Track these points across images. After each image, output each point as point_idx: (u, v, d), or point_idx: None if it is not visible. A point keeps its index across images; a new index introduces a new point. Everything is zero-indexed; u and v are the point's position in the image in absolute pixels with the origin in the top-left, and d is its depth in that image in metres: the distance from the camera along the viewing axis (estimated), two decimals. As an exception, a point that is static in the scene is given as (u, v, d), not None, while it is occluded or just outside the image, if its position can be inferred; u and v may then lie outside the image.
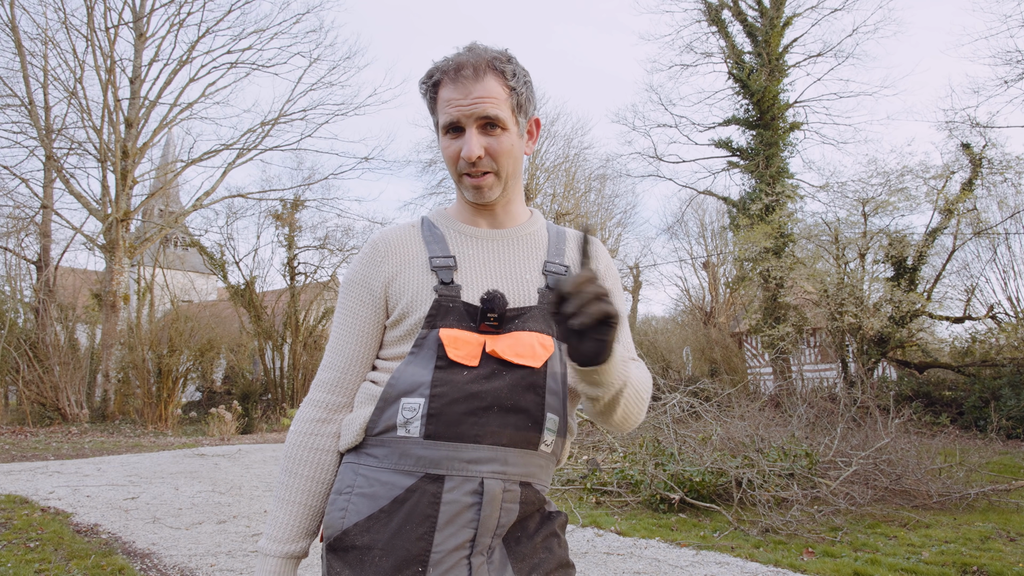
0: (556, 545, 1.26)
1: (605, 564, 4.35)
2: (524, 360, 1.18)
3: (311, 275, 21.10)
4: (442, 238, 1.29)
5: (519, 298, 1.24)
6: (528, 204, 1.47)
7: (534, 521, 1.24)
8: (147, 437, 13.29)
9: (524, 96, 1.26)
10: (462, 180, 1.26)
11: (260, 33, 18.51)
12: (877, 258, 13.81)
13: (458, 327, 1.19)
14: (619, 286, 1.44)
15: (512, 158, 1.25)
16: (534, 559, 1.21)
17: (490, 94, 1.20)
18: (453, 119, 1.21)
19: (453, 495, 1.14)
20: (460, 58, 1.22)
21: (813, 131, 17.98)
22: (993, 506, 6.01)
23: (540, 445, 1.20)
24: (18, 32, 16.49)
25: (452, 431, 1.14)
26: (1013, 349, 12.27)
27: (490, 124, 1.21)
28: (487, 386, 1.16)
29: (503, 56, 1.24)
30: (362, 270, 1.29)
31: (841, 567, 4.20)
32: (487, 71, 1.21)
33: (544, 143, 23.20)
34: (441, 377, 1.16)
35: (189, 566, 4.21)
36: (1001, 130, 22.92)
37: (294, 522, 1.23)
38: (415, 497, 1.14)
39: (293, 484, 1.24)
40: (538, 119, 1.34)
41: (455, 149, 1.23)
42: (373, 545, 1.14)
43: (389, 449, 1.17)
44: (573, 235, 1.41)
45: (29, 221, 17.34)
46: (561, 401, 1.23)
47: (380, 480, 1.17)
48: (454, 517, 1.14)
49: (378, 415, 1.19)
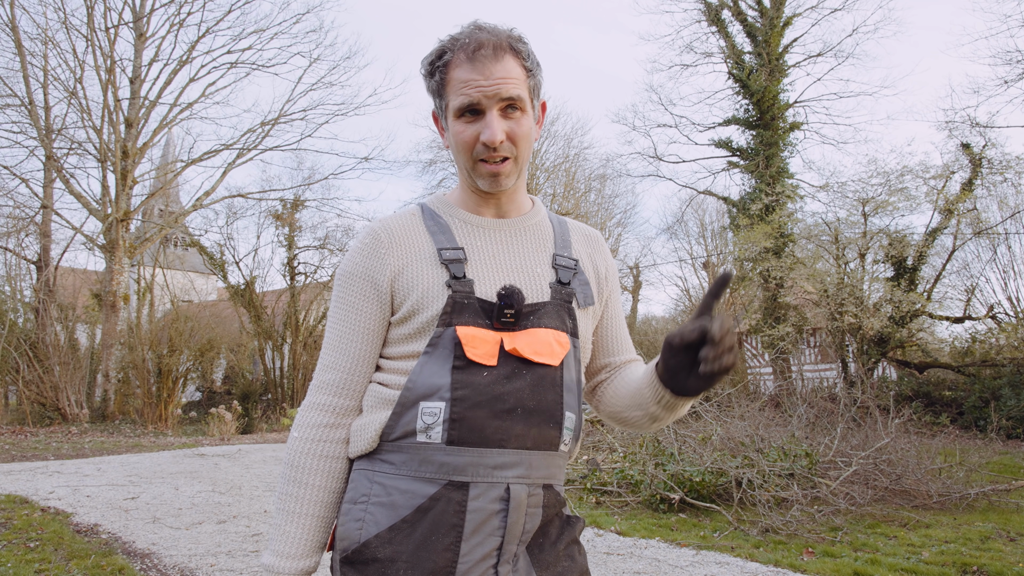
0: (577, 553, 1.23)
1: (605, 564, 4.35)
2: (543, 358, 1.14)
3: (311, 275, 21.11)
4: (447, 228, 1.22)
5: (532, 293, 1.19)
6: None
7: (555, 527, 1.20)
8: (147, 437, 13.29)
9: (538, 79, 1.21)
10: (476, 167, 1.17)
11: (260, 33, 18.52)
12: (877, 258, 13.81)
13: (474, 324, 1.13)
14: (619, 286, 1.44)
15: (528, 142, 1.19)
16: (558, 567, 1.17)
17: (510, 75, 1.14)
18: (473, 100, 1.13)
19: (479, 503, 1.09)
20: (477, 36, 1.15)
21: (813, 131, 17.98)
22: (993, 506, 6.01)
23: (560, 445, 1.17)
24: (18, 32, 16.49)
25: (476, 436, 1.09)
26: (1013, 349, 12.26)
27: (511, 106, 1.15)
28: (509, 387, 1.11)
29: (518, 36, 1.19)
30: (363, 262, 1.19)
31: (841, 567, 4.19)
32: (506, 51, 1.14)
33: (544, 143, 23.19)
34: (461, 379, 1.10)
35: (189, 566, 4.21)
36: (1001, 130, 22.91)
37: (306, 535, 1.15)
38: (439, 506, 1.09)
39: (303, 495, 1.16)
40: (544, 103, 1.29)
41: (471, 133, 1.15)
42: (396, 558, 1.08)
43: (408, 455, 1.11)
44: (577, 227, 1.37)
45: (29, 221, 17.34)
46: (576, 399, 1.21)
47: (399, 488, 1.11)
48: (481, 525, 1.09)
49: (395, 420, 1.12)
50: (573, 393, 1.19)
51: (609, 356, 1.36)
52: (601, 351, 1.36)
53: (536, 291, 1.20)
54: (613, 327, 1.37)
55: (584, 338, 1.27)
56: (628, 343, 1.39)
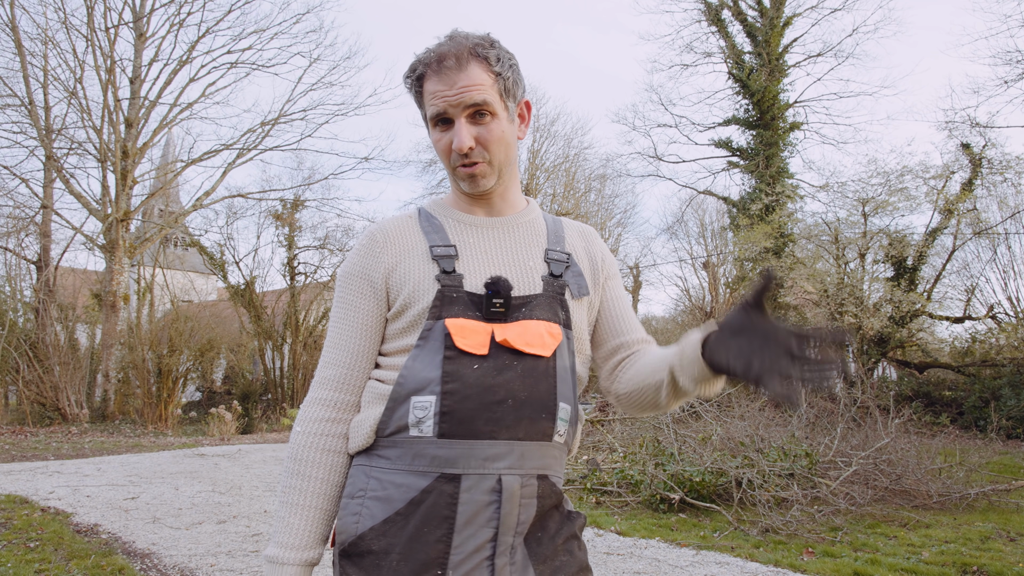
0: (576, 548, 1.23)
1: (605, 564, 4.35)
2: (534, 349, 1.15)
3: (311, 275, 21.10)
4: (441, 227, 1.26)
5: (524, 285, 1.21)
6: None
7: (554, 521, 1.22)
8: (147, 437, 13.29)
9: (511, 80, 1.22)
10: (456, 171, 1.23)
11: (260, 33, 18.50)
12: (877, 258, 13.82)
13: (464, 316, 1.15)
14: (618, 272, 1.43)
15: (504, 144, 1.22)
16: (555, 561, 1.18)
17: (475, 82, 1.17)
18: (440, 111, 1.18)
19: (471, 494, 1.11)
20: (441, 48, 1.19)
21: (813, 131, 18.01)
22: (993, 506, 6.01)
23: (554, 436, 1.18)
24: (18, 32, 16.49)
25: (466, 428, 1.11)
26: (1013, 349, 12.27)
27: (479, 112, 1.18)
28: (499, 379, 1.12)
29: (485, 41, 1.21)
30: (360, 262, 1.25)
31: (841, 567, 4.19)
32: (470, 59, 1.18)
33: (544, 143, 23.20)
34: (451, 371, 1.12)
35: (189, 566, 4.21)
36: (1001, 130, 22.91)
37: (309, 527, 1.18)
38: (431, 498, 1.11)
39: (306, 487, 1.19)
40: (528, 101, 1.30)
41: (446, 142, 1.20)
42: (390, 550, 1.11)
43: (402, 450, 1.14)
44: (572, 224, 1.39)
45: (29, 221, 17.34)
46: (571, 389, 1.21)
47: (394, 482, 1.14)
48: (473, 517, 1.11)
49: (388, 415, 1.15)
50: (568, 384, 1.20)
51: (619, 336, 1.35)
52: (610, 332, 1.36)
53: (528, 284, 1.22)
54: (618, 308, 1.37)
55: (579, 329, 1.27)
56: (636, 324, 1.38)
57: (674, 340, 1.53)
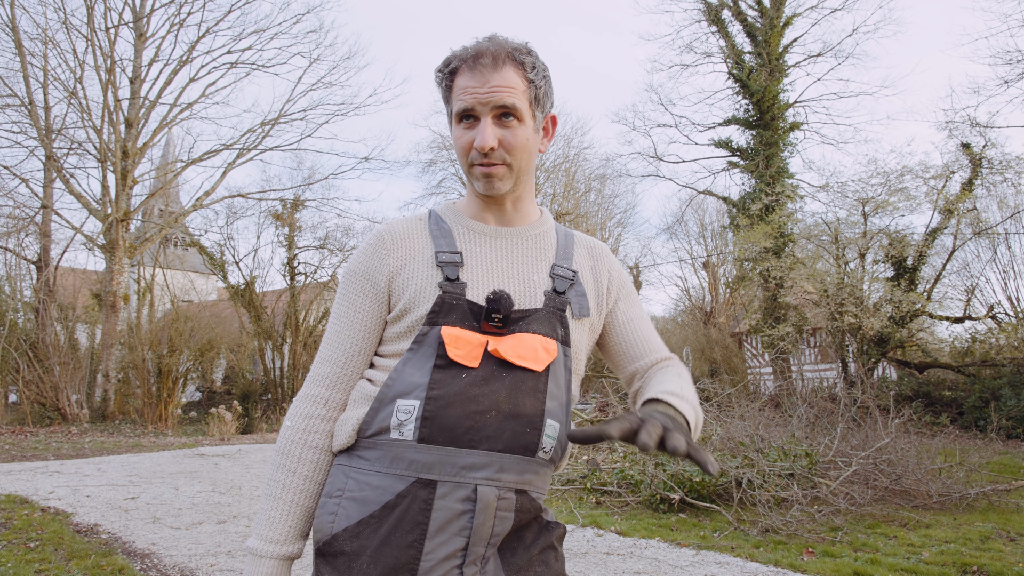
0: (553, 559, 1.22)
1: (605, 564, 4.35)
2: (526, 362, 1.14)
3: (311, 275, 21.12)
4: (449, 233, 1.25)
5: (525, 299, 1.20)
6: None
7: (531, 531, 1.20)
8: (147, 437, 13.29)
9: (542, 90, 1.22)
10: (472, 170, 1.21)
11: (260, 33, 18.53)
12: (877, 258, 13.82)
13: (460, 326, 1.15)
14: (632, 291, 1.40)
15: (526, 152, 1.21)
16: (529, 572, 1.17)
17: (508, 83, 1.16)
18: (468, 106, 1.17)
19: (445, 502, 1.10)
20: (480, 47, 1.19)
21: (813, 131, 18.01)
22: (993, 506, 6.01)
23: (538, 452, 1.16)
24: (18, 32, 16.49)
25: (447, 435, 1.10)
26: (1013, 349, 12.27)
27: (505, 114, 1.17)
28: (485, 389, 1.12)
29: (523, 48, 1.21)
30: (365, 262, 1.24)
31: (841, 567, 4.19)
32: (506, 61, 1.17)
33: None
34: (439, 378, 1.11)
35: (189, 566, 4.21)
36: (1001, 130, 22.92)
37: (290, 522, 1.18)
38: (406, 503, 1.10)
39: (290, 483, 1.19)
40: (555, 116, 1.30)
41: (468, 139, 1.19)
42: (361, 552, 1.10)
43: (381, 452, 1.13)
44: (583, 241, 1.37)
45: (29, 221, 17.34)
46: (563, 408, 1.20)
47: (371, 484, 1.13)
48: (445, 525, 1.10)
49: (372, 416, 1.15)
50: (559, 402, 1.18)
51: (636, 361, 1.34)
52: (626, 358, 1.34)
53: (530, 298, 1.21)
54: (631, 332, 1.35)
55: (577, 348, 1.26)
56: (652, 344, 1.36)
57: (674, 340, 1.53)
